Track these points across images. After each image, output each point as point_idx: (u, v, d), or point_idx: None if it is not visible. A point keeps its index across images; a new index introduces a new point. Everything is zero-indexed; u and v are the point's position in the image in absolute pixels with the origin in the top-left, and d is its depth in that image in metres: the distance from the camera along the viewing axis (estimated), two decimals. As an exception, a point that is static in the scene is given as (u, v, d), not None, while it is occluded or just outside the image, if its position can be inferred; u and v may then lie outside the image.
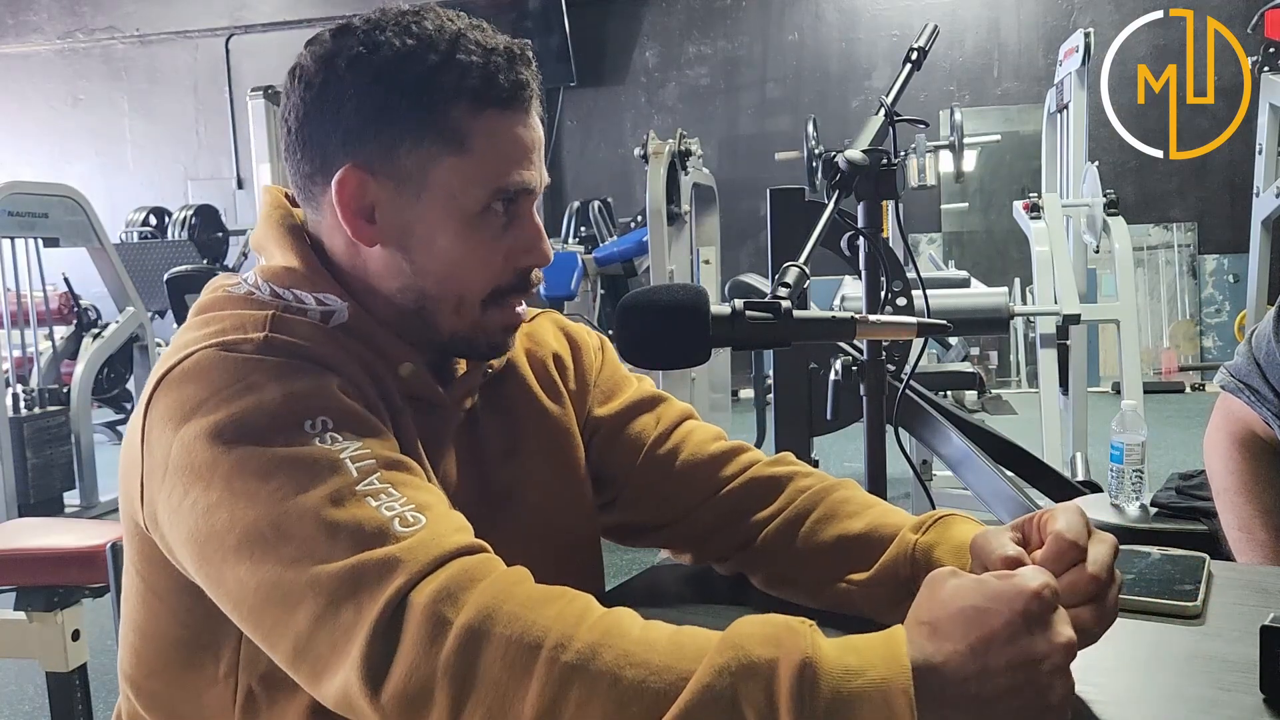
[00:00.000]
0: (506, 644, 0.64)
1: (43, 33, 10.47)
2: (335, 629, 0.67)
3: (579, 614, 0.67)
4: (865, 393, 1.27)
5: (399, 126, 0.81)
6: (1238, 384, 1.49)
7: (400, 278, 0.86)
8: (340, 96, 0.82)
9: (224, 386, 0.75)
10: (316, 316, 0.83)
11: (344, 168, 0.82)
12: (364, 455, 0.73)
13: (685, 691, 0.62)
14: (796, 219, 2.11)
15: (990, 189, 8.48)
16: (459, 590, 0.66)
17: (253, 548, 0.70)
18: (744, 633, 0.64)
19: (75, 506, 4.97)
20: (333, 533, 0.69)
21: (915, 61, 1.42)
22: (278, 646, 0.70)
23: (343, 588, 0.67)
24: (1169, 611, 0.93)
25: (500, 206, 0.84)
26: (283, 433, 0.73)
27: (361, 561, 0.67)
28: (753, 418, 5.24)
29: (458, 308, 0.87)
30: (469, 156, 0.82)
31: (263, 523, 0.70)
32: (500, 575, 0.69)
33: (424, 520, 0.70)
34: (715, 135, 8.66)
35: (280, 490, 0.70)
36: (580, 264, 5.86)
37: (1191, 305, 8.27)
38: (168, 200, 8.67)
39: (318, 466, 0.71)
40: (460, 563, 0.69)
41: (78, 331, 5.95)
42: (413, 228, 0.84)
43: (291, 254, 0.86)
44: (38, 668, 2.05)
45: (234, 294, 0.85)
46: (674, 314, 0.88)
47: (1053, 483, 2.49)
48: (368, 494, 0.71)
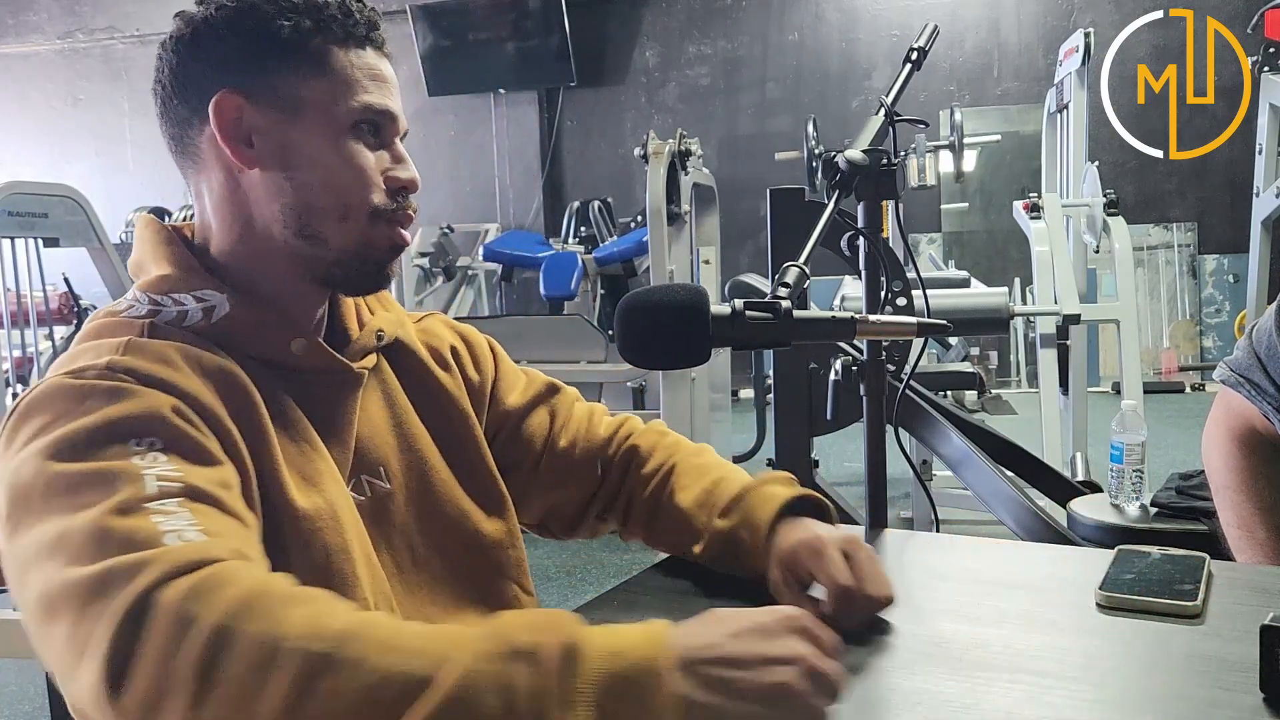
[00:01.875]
0: (252, 640, 0.63)
1: (43, 33, 10.48)
2: (81, 632, 0.65)
3: (331, 611, 0.66)
4: (865, 393, 1.27)
5: (270, 54, 0.88)
6: (1237, 378, 1.48)
7: (281, 197, 0.90)
8: (213, 37, 0.89)
9: (63, 413, 0.76)
10: (198, 315, 0.87)
11: (220, 93, 0.88)
12: (174, 478, 0.73)
13: (447, 675, 0.61)
14: (796, 219, 2.11)
15: (990, 189, 8.47)
16: (209, 591, 0.65)
17: (36, 562, 0.70)
18: (506, 622, 0.67)
19: (75, 506, 4.97)
20: (104, 540, 0.68)
21: (915, 61, 1.42)
22: (47, 661, 0.70)
23: (93, 590, 0.66)
24: (1169, 611, 0.93)
25: (367, 127, 0.91)
26: (103, 449, 0.74)
27: (115, 563, 0.66)
28: (753, 418, 5.24)
29: (344, 216, 0.90)
30: (329, 78, 0.89)
31: (51, 534, 0.70)
32: (258, 579, 0.68)
33: (203, 539, 0.70)
34: (715, 135, 8.66)
35: (79, 502, 0.71)
36: (580, 264, 5.86)
37: (1191, 305, 8.27)
38: (168, 200, 8.66)
39: (117, 479, 0.72)
40: (218, 566, 0.68)
41: (77, 331, 5.95)
42: (294, 145, 0.89)
43: (165, 262, 0.90)
44: (37, 668, 2.05)
45: (113, 314, 0.88)
46: (674, 314, 0.88)
47: (1053, 483, 2.48)
48: (155, 511, 0.71)
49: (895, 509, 4.03)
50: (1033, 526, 1.97)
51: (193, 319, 0.87)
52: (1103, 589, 0.98)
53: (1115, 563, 1.05)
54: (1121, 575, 1.01)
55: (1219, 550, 1.50)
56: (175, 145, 0.94)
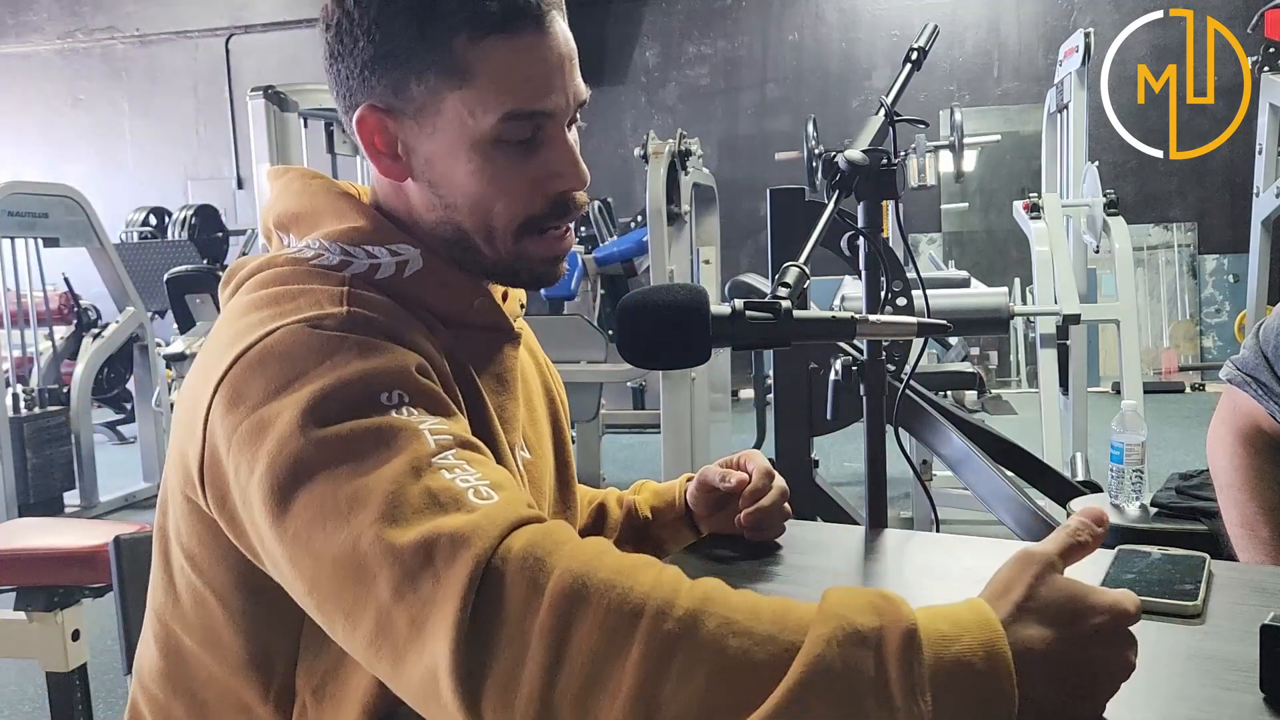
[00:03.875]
0: (605, 611, 0.61)
1: (43, 33, 10.48)
2: (414, 602, 0.64)
3: (674, 580, 0.64)
4: (865, 393, 1.27)
5: (404, 63, 0.81)
6: (1244, 377, 1.48)
7: (435, 211, 0.86)
8: (352, 37, 0.82)
9: (311, 366, 0.73)
10: (391, 269, 0.84)
11: (361, 108, 0.83)
12: (441, 430, 0.72)
13: (796, 664, 0.59)
14: (796, 219, 2.11)
15: (990, 189, 8.48)
16: (545, 554, 0.64)
17: (327, 519, 0.68)
18: (843, 602, 0.63)
19: (75, 506, 4.97)
20: (410, 501, 0.67)
21: (915, 61, 1.42)
22: (359, 627, 0.66)
23: (418, 557, 0.64)
24: (1169, 611, 0.92)
25: (519, 133, 0.83)
26: (363, 407, 0.72)
27: (436, 530, 0.65)
28: (753, 418, 5.24)
29: (489, 238, 0.86)
30: (471, 87, 0.81)
31: (341, 496, 0.68)
32: (585, 541, 0.67)
33: (496, 497, 0.69)
34: (715, 135, 8.67)
35: (360, 463, 0.69)
36: (580, 264, 5.87)
37: (1191, 305, 8.27)
38: (168, 200, 8.67)
39: (397, 436, 0.70)
40: (538, 527, 0.67)
41: (78, 331, 5.95)
42: (433, 161, 0.84)
43: (353, 214, 0.86)
44: (38, 668, 2.05)
45: (301, 260, 0.83)
46: (674, 314, 0.88)
47: (1053, 483, 2.48)
48: (443, 467, 0.70)
49: (895, 509, 4.03)
50: (1033, 526, 1.96)
51: (385, 272, 0.83)
52: (1103, 589, 0.97)
53: (1115, 563, 1.05)
54: (1122, 575, 1.01)
55: (1219, 550, 1.50)
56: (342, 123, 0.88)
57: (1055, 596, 0.65)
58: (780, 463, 2.28)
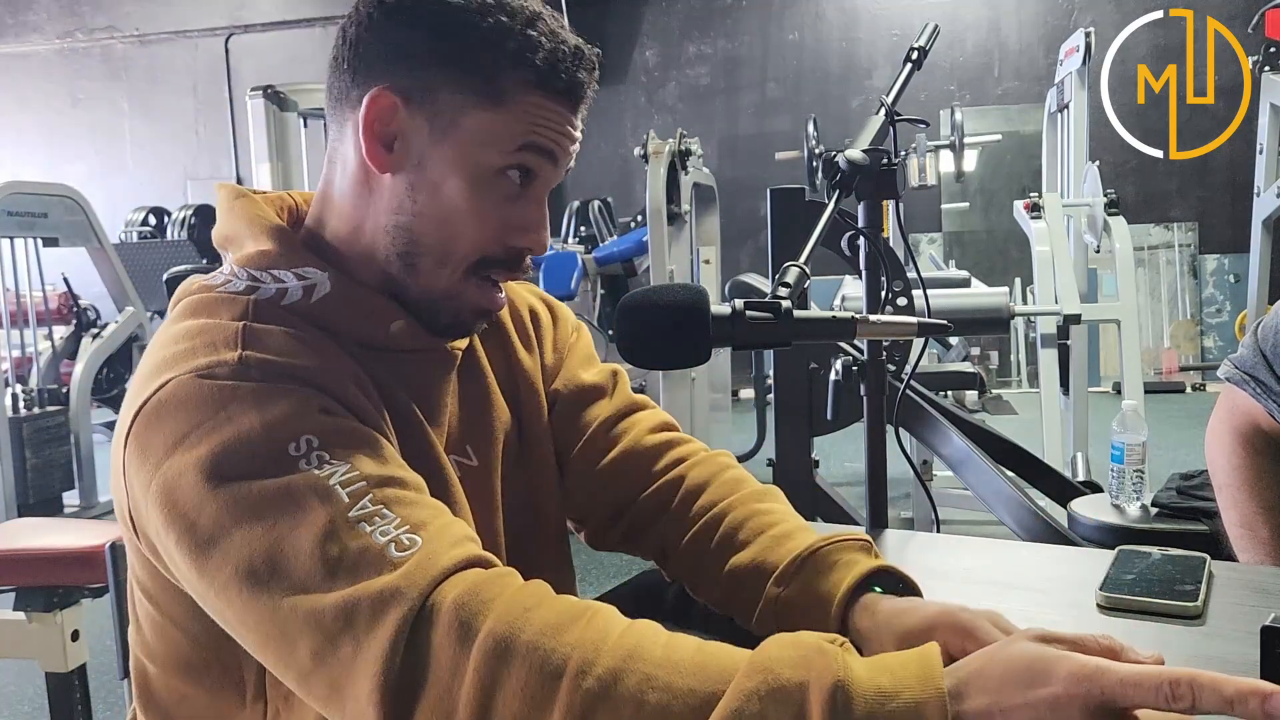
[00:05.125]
0: (527, 675, 0.62)
1: (42, 32, 10.48)
2: (335, 665, 0.65)
3: (599, 636, 0.65)
4: (865, 393, 1.27)
5: (450, 69, 0.82)
6: (1243, 376, 1.47)
7: (399, 214, 0.85)
8: (410, 23, 0.82)
9: (204, 420, 0.72)
10: (299, 294, 0.83)
11: (379, 87, 0.82)
12: (353, 478, 0.71)
13: (714, 716, 0.60)
14: (796, 219, 2.11)
15: (991, 189, 8.48)
16: (472, 615, 0.65)
17: (247, 584, 0.68)
18: (772, 655, 0.62)
19: (74, 507, 4.97)
20: (328, 564, 0.67)
21: (916, 61, 1.42)
22: (285, 678, 0.69)
23: (338, 622, 0.65)
24: (1169, 612, 0.92)
25: (515, 176, 0.84)
26: (269, 462, 0.71)
27: (357, 593, 0.65)
28: (753, 418, 5.24)
29: (442, 260, 0.85)
30: (502, 115, 0.82)
31: (257, 559, 0.68)
32: (513, 595, 0.67)
33: (420, 541, 0.68)
34: (715, 135, 8.67)
35: (274, 525, 0.69)
36: (580, 264, 5.86)
37: (1192, 305, 8.27)
38: (167, 200, 8.67)
39: (308, 496, 0.69)
40: (466, 580, 0.67)
41: (77, 331, 5.95)
42: (428, 165, 0.83)
43: (264, 237, 0.85)
44: (37, 668, 2.05)
45: (209, 288, 0.83)
46: (674, 314, 0.88)
47: (1053, 483, 2.49)
48: (361, 519, 0.69)
49: (895, 509, 4.03)
50: (1033, 527, 1.96)
51: (292, 297, 0.83)
52: (1103, 589, 0.97)
53: (1116, 563, 1.04)
54: (1122, 576, 1.00)
55: (1220, 550, 1.50)
56: (331, 108, 0.88)
57: (1017, 657, 0.61)
58: (780, 463, 2.28)
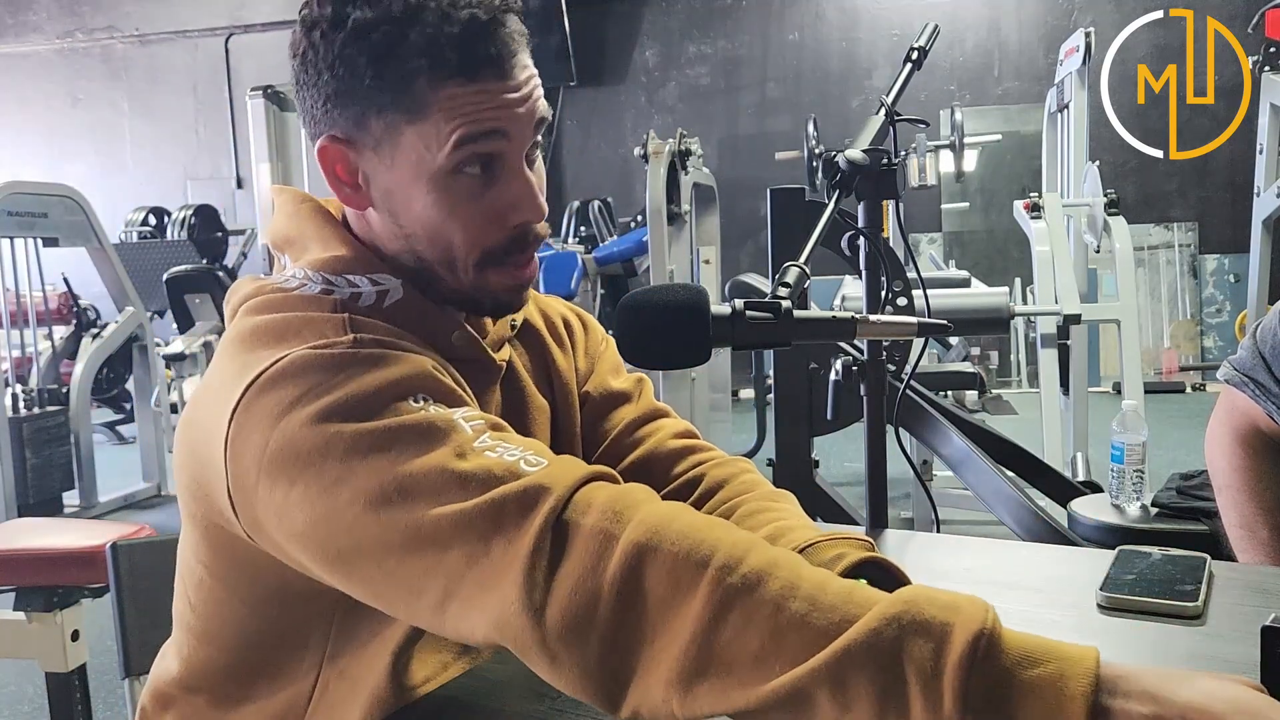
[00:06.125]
0: (674, 560, 0.64)
1: (42, 32, 10.47)
2: (488, 564, 0.66)
3: (748, 541, 0.66)
4: (865, 393, 1.27)
5: (364, 99, 0.81)
6: (1241, 377, 1.47)
7: (396, 240, 0.86)
8: (317, 68, 0.82)
9: (324, 380, 0.74)
10: (372, 298, 0.84)
11: (323, 138, 0.83)
12: (473, 416, 0.74)
13: (849, 630, 0.59)
14: (796, 219, 2.11)
15: (991, 189, 8.48)
16: (623, 508, 0.67)
17: (382, 509, 0.69)
18: (922, 593, 0.61)
19: (74, 507, 4.97)
20: (464, 480, 0.69)
21: (916, 61, 1.42)
22: (425, 595, 0.69)
23: (488, 523, 0.67)
24: (1170, 612, 0.92)
25: (474, 169, 0.82)
26: (389, 407, 0.73)
27: (503, 494, 0.67)
28: (753, 418, 5.24)
29: (451, 268, 0.86)
30: (430, 120, 0.80)
31: (389, 487, 0.69)
32: (658, 503, 0.69)
33: (546, 461, 0.71)
34: (715, 135, 8.66)
35: (400, 455, 0.70)
36: (580, 264, 5.86)
37: (1192, 305, 8.27)
38: (167, 200, 8.67)
39: (434, 428, 0.72)
40: (608, 486, 0.70)
41: (77, 331, 5.95)
42: (393, 191, 0.84)
43: (336, 242, 0.86)
44: (37, 668, 2.05)
45: (283, 290, 0.83)
46: (674, 314, 0.88)
47: (1053, 483, 2.49)
48: (485, 448, 0.71)
49: (895, 509, 4.03)
50: (1033, 527, 1.96)
51: (366, 301, 0.84)
52: (1103, 589, 0.97)
53: (1116, 563, 1.04)
54: (1122, 576, 1.00)
55: (1220, 551, 1.50)
56: None
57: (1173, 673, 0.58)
58: (780, 463, 2.28)
